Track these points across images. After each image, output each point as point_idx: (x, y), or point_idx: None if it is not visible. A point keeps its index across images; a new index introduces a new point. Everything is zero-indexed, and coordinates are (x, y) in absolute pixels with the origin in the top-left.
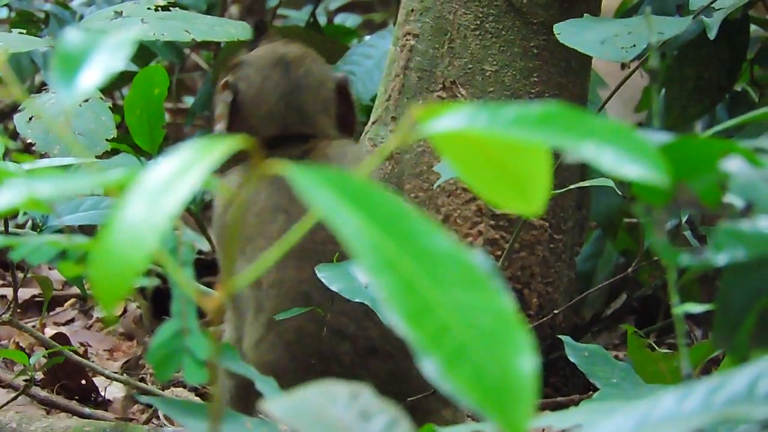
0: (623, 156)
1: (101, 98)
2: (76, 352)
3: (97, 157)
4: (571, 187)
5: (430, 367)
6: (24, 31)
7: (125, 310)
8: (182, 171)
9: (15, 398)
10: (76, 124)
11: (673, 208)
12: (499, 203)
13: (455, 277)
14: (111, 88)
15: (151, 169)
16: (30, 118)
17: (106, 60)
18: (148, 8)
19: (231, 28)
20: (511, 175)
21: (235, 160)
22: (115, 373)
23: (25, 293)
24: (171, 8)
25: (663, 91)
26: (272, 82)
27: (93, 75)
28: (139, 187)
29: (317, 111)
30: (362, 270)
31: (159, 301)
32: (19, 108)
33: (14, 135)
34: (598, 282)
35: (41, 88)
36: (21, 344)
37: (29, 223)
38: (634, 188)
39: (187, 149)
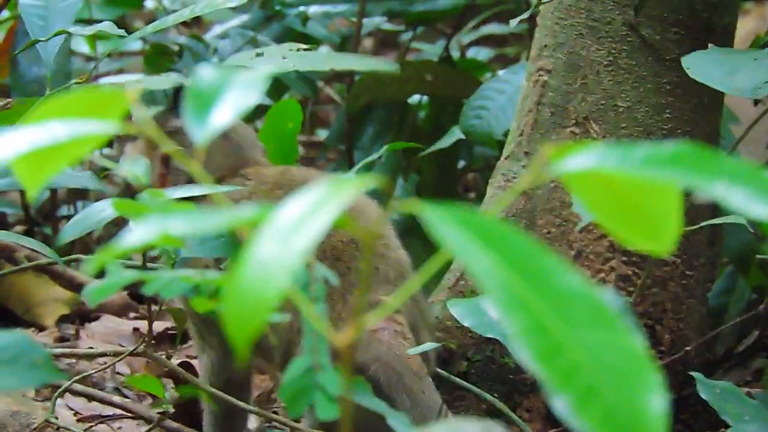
0: (753, 196)
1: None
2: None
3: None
4: (703, 224)
5: (560, 405)
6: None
7: None
8: (314, 209)
9: (149, 431)
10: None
11: None
12: (630, 242)
13: (586, 316)
14: (245, 121)
15: (283, 206)
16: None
17: (239, 97)
18: (290, 50)
19: (372, 62)
20: (643, 213)
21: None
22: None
23: (158, 326)
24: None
25: None
26: None
27: (226, 112)
28: (271, 224)
29: None
30: (493, 307)
31: None
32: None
33: None
34: (730, 318)
35: None
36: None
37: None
38: (764, 228)
39: (319, 186)
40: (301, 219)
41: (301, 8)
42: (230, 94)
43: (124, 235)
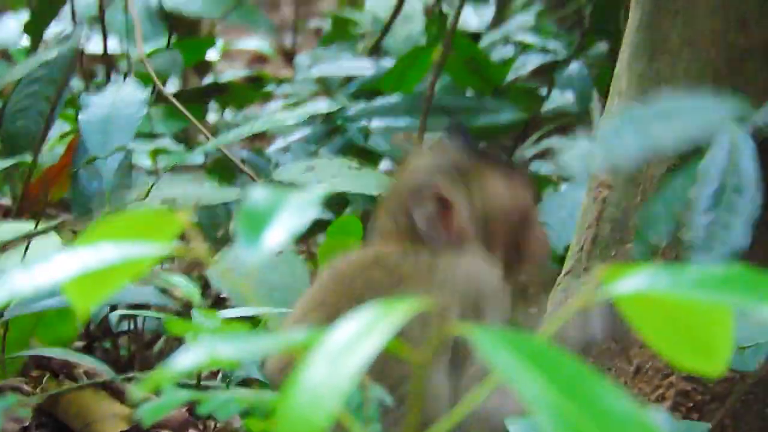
0: None
1: (294, 251)
2: None
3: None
4: (760, 342)
5: None
6: (215, 182)
7: None
8: (364, 332)
9: None
10: (270, 278)
11: None
12: (682, 363)
13: None
14: (305, 236)
15: (333, 329)
16: (223, 271)
17: (293, 218)
18: (342, 167)
19: None
20: (694, 335)
21: None
22: None
23: None
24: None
25: None
26: None
27: (278, 233)
28: (322, 347)
29: None
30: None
31: None
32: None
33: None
34: None
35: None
36: None
37: None
38: None
39: (369, 309)
40: (352, 341)
41: (363, 122)
42: (283, 216)
43: (176, 358)
